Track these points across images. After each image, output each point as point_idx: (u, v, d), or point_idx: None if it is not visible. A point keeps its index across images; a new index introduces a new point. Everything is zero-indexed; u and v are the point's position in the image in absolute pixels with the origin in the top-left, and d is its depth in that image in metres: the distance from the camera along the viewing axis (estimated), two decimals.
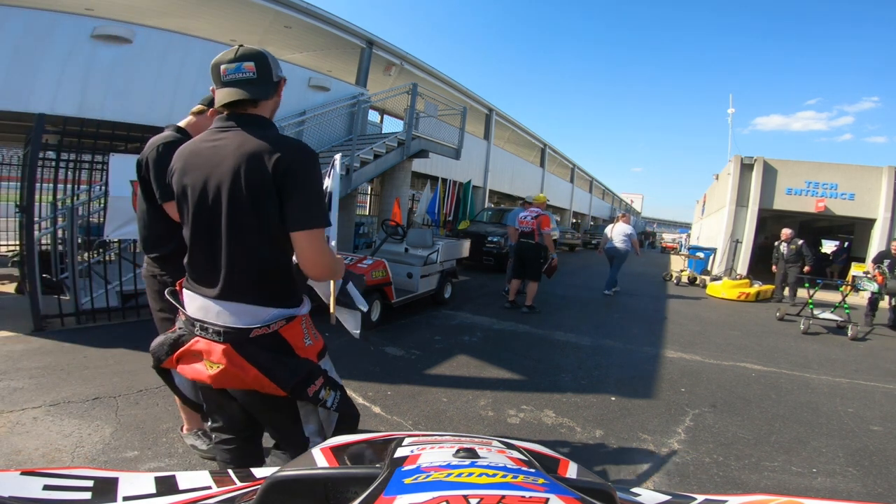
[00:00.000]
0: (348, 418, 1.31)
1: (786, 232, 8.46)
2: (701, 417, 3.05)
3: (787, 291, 8.58)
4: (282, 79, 1.31)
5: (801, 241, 8.30)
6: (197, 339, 1.21)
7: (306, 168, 1.16)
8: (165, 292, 1.37)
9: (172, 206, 1.73)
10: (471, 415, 2.84)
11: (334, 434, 1.27)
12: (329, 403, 1.26)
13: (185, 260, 1.28)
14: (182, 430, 2.24)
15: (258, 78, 1.21)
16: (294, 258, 1.23)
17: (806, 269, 8.10)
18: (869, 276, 6.91)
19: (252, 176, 1.13)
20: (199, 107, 2.09)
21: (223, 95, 1.19)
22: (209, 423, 1.42)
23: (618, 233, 8.04)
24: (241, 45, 1.22)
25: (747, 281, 9.01)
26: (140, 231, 2.04)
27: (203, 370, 1.19)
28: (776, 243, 8.80)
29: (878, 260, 6.83)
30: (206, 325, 1.19)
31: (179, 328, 1.28)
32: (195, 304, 1.23)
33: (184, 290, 1.28)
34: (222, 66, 1.20)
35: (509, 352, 4.19)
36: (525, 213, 6.03)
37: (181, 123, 2.09)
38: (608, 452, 2.51)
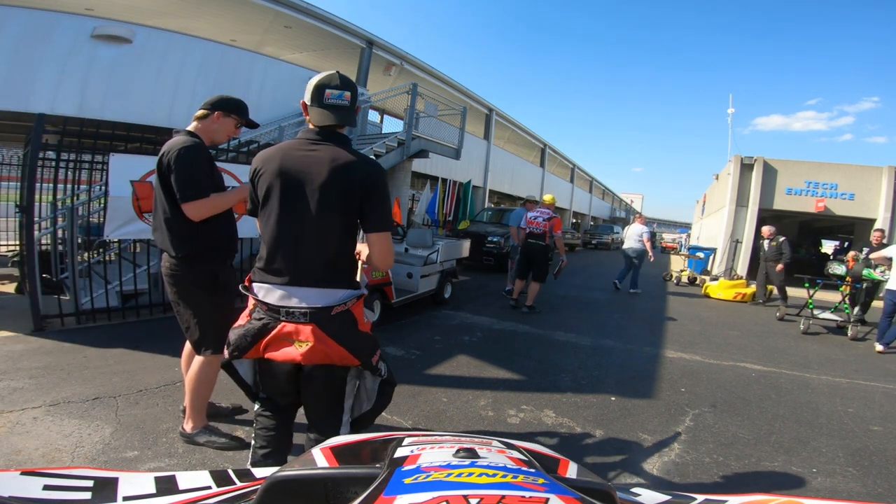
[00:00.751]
0: (389, 385, 1.54)
1: (767, 230, 8.23)
2: (701, 417, 3.05)
3: (775, 291, 8.44)
4: (358, 107, 1.53)
5: (782, 238, 8.10)
6: (283, 324, 1.36)
7: (384, 182, 1.45)
8: (240, 287, 1.50)
9: (194, 205, 1.94)
10: (471, 415, 2.84)
11: (376, 401, 1.52)
12: (383, 372, 1.49)
13: (264, 255, 1.43)
14: (186, 429, 2.23)
15: (350, 106, 1.44)
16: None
17: (778, 267, 7.86)
18: (840, 261, 7.01)
19: (344, 186, 1.37)
20: (201, 111, 2.12)
21: (323, 117, 1.41)
22: (257, 407, 1.55)
23: (632, 233, 8.49)
24: (339, 73, 1.45)
25: (744, 281, 8.99)
26: (164, 233, 2.06)
27: (293, 351, 1.35)
28: (760, 241, 8.65)
29: (858, 248, 6.91)
30: (291, 311, 1.35)
31: (259, 318, 1.40)
32: (275, 294, 1.39)
33: (257, 283, 1.43)
34: (327, 91, 1.41)
35: (509, 352, 4.19)
36: (535, 214, 6.00)
37: (190, 128, 2.13)
38: (608, 452, 2.50)
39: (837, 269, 7.37)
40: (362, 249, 1.53)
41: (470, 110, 12.55)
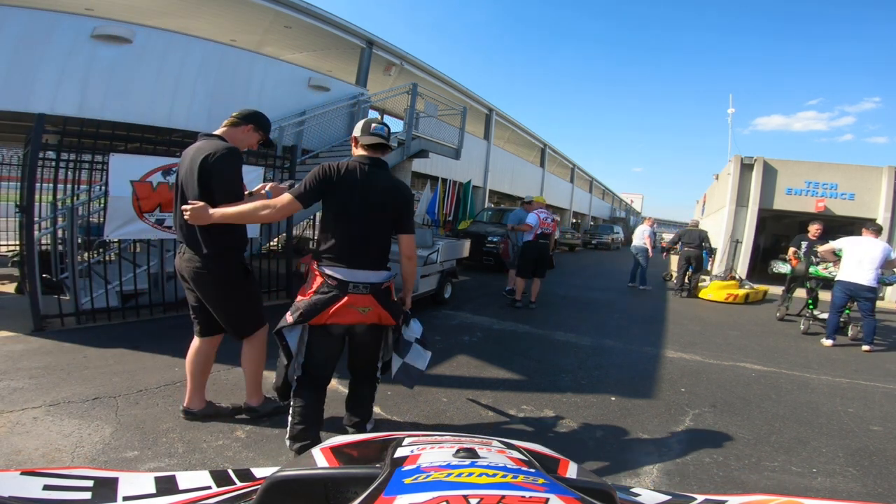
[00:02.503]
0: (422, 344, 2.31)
1: (816, 228, 6.85)
2: (701, 417, 3.05)
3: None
4: (391, 146, 2.30)
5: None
6: (350, 295, 1.96)
7: (413, 199, 2.24)
8: (301, 268, 2.12)
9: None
10: (471, 415, 2.84)
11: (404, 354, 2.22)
12: (406, 331, 2.24)
13: (335, 247, 1.99)
14: (252, 404, 2.51)
15: (387, 136, 2.09)
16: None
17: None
18: (783, 260, 6.94)
19: (392, 202, 2.07)
20: (233, 119, 2.35)
21: (371, 140, 2.04)
22: (295, 387, 2.10)
23: (638, 232, 9.51)
24: (382, 115, 1.92)
25: (735, 283, 8.80)
26: (192, 232, 2.19)
27: (359, 314, 1.99)
28: (801, 240, 7.36)
29: (796, 244, 6.79)
30: (357, 285, 1.97)
31: (326, 292, 1.97)
32: (345, 273, 1.98)
33: (327, 267, 1.99)
34: (373, 125, 2.07)
35: (509, 352, 4.19)
36: (545, 216, 6.20)
37: (219, 133, 2.31)
38: (608, 452, 2.50)
39: (782, 267, 7.31)
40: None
41: (470, 110, 12.55)
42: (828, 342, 5.40)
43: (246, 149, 2.40)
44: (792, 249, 6.85)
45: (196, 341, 2.39)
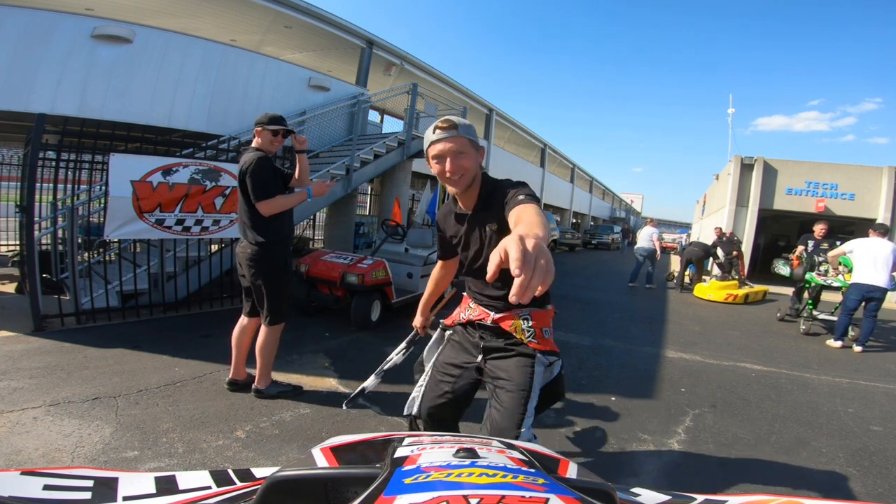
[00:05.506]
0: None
1: (821, 228, 6.94)
2: (701, 417, 3.05)
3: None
4: None
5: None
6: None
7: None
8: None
9: (262, 204, 2.51)
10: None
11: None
12: None
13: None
14: (259, 387, 2.77)
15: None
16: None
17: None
18: (786, 259, 6.90)
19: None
20: (255, 130, 2.67)
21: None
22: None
23: (644, 234, 9.59)
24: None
25: (735, 282, 8.77)
26: (244, 225, 2.64)
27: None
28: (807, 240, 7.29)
29: (803, 242, 6.76)
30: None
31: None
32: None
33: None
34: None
35: None
36: None
37: (254, 144, 2.67)
38: (608, 452, 2.50)
39: (782, 269, 7.27)
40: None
41: (470, 110, 12.55)
42: (836, 343, 5.38)
43: (274, 147, 2.66)
44: (800, 248, 6.82)
45: (243, 320, 2.83)
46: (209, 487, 0.66)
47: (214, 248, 5.26)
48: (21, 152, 6.68)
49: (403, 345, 2.40)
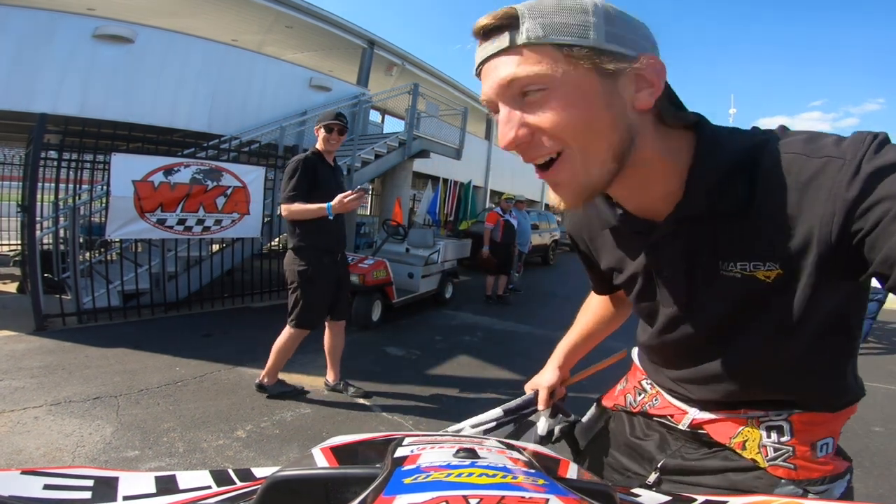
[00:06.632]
0: None
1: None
2: None
3: None
4: None
5: None
6: None
7: None
8: None
9: (282, 207, 2.59)
10: (471, 415, 2.84)
11: None
12: None
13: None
14: (264, 382, 2.79)
15: None
16: None
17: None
18: None
19: None
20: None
21: None
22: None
23: None
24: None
25: None
26: (287, 229, 2.73)
27: None
28: None
29: None
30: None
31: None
32: None
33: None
34: None
35: (510, 352, 4.19)
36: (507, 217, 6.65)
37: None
38: None
39: None
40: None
41: (471, 110, 12.55)
42: None
43: (331, 146, 2.67)
44: None
45: (330, 325, 2.89)
46: (209, 487, 0.66)
47: (216, 247, 5.27)
48: (23, 152, 6.70)
49: (500, 411, 1.06)
